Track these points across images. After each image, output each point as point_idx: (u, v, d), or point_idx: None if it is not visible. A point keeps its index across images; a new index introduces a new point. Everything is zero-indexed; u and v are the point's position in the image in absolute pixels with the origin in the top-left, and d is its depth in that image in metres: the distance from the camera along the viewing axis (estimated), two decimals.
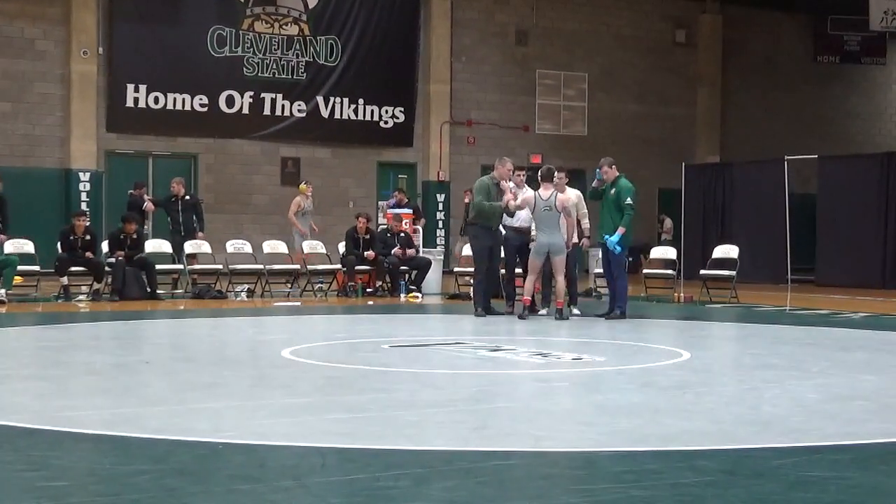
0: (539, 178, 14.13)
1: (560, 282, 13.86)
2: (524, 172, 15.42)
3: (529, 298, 14.03)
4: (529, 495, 4.74)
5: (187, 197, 19.42)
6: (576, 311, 14.54)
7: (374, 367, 8.93)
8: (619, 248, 13.95)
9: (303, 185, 21.00)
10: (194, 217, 19.24)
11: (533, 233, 14.41)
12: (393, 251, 18.76)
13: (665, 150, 29.42)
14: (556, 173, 14.27)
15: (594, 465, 5.35)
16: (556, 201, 13.81)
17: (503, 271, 16.18)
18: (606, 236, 14.01)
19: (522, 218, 14.52)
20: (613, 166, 14.40)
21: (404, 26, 26.89)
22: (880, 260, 22.31)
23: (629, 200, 13.93)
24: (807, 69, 32.58)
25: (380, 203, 22.27)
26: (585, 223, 15.09)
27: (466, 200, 19.08)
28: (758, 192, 23.93)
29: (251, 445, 5.61)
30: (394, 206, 21.33)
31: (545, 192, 13.87)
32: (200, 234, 19.11)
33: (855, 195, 22.74)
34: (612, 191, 14.11)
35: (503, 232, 14.94)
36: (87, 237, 17.27)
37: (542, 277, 14.47)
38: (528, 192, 14.36)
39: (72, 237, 17.10)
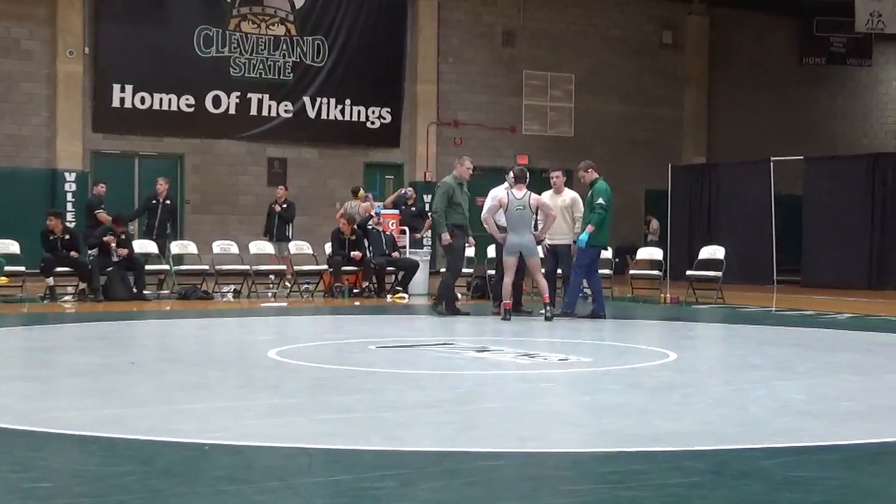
0: (513, 178, 14.18)
1: (541, 282, 13.90)
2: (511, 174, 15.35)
3: (510, 301, 14.01)
4: (516, 496, 4.74)
5: (167, 201, 19.41)
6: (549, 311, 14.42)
7: (361, 368, 8.92)
8: (583, 245, 14.17)
9: (361, 192, 21.29)
10: (168, 223, 19.35)
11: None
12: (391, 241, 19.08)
13: (652, 150, 29.49)
14: (552, 173, 14.54)
15: (581, 466, 5.36)
16: (531, 201, 13.86)
17: (492, 272, 16.20)
18: (581, 235, 14.22)
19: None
20: (591, 170, 14.55)
21: (391, 27, 26.89)
22: (866, 261, 22.38)
23: (601, 200, 14.12)
24: (793, 70, 32.68)
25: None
26: (578, 226, 15.09)
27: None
28: (744, 193, 23.99)
29: (238, 446, 5.59)
30: (403, 205, 21.43)
31: (518, 192, 13.89)
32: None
33: (841, 196, 22.81)
34: (590, 193, 14.38)
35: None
36: (67, 237, 17.20)
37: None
38: (500, 192, 14.37)
39: (51, 237, 17.03)
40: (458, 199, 14.69)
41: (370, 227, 19.37)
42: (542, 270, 14.33)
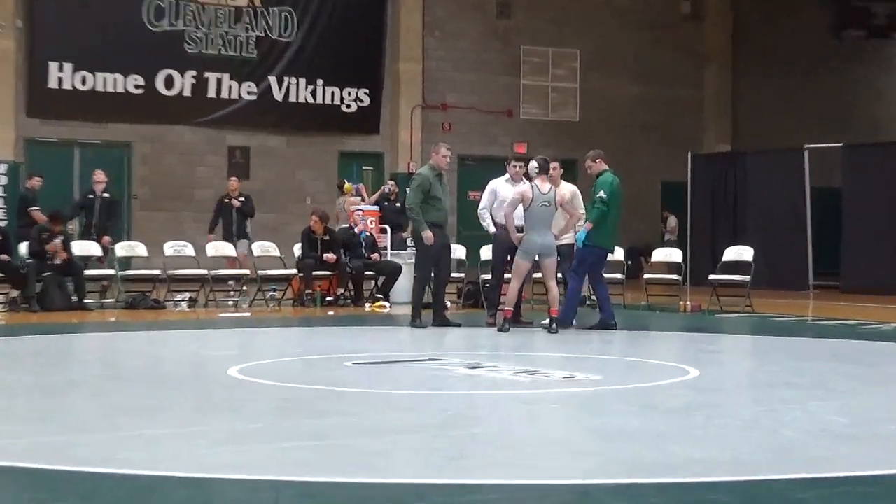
0: (536, 170, 14.04)
1: (553, 289, 13.82)
2: (522, 164, 15.26)
3: (512, 309, 13.97)
4: None
5: (106, 194, 19.37)
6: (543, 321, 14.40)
7: (336, 388, 8.90)
8: (580, 243, 14.11)
9: (348, 185, 21.14)
10: (108, 221, 19.31)
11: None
12: (357, 228, 18.90)
13: (668, 137, 29.49)
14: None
15: (589, 499, 5.34)
16: (557, 196, 13.81)
17: (486, 277, 16.17)
18: (579, 233, 14.16)
19: (517, 215, 14.41)
20: (599, 160, 14.47)
21: None
22: None
23: (602, 193, 14.06)
24: (829, 46, 32.69)
25: (339, 200, 22.15)
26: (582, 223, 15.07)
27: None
28: (775, 185, 24.02)
29: (193, 479, 5.57)
30: (386, 200, 21.39)
31: (543, 185, 13.82)
32: (106, 238, 18.99)
33: (885, 188, 22.82)
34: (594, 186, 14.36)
35: (493, 230, 14.90)
36: None
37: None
38: (523, 185, 14.26)
39: None
40: (436, 193, 14.56)
41: (346, 227, 19.35)
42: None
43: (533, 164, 14.21)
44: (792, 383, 9.37)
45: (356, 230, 19.16)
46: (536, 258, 13.87)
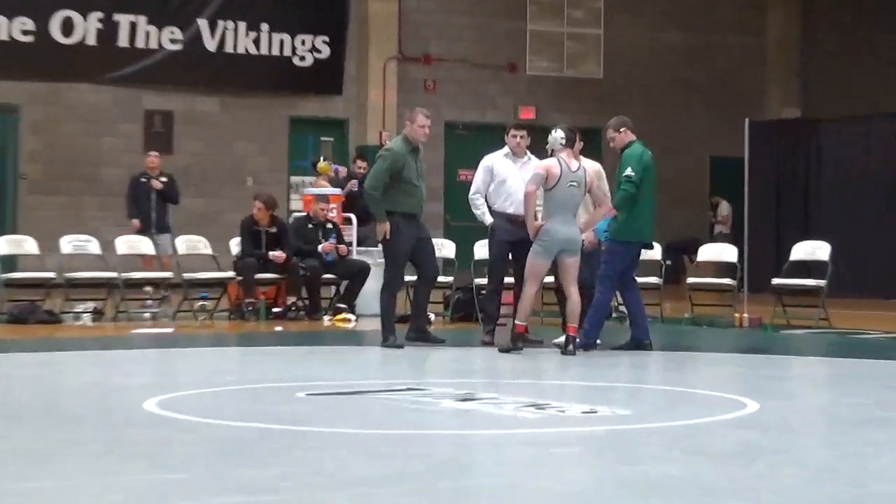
0: (562, 141, 13.90)
1: (573, 295, 13.74)
2: (525, 133, 15.21)
3: (525, 324, 13.90)
4: None
5: None
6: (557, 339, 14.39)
7: (286, 426, 8.90)
8: (601, 235, 14.12)
9: (323, 164, 21.04)
10: None
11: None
12: (321, 247, 18.70)
13: (719, 100, 29.55)
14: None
15: None
16: (587, 177, 13.74)
17: (481, 281, 16.17)
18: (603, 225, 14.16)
19: (519, 201, 14.36)
20: (624, 129, 14.40)
21: None
22: None
23: (629, 171, 13.98)
24: None
25: (293, 179, 22.16)
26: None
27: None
28: (858, 162, 24.05)
29: None
30: (357, 185, 21.36)
31: (571, 161, 13.72)
32: None
33: None
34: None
35: (489, 220, 14.87)
36: None
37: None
38: (545, 161, 14.15)
39: None
40: (409, 175, 14.48)
41: (303, 215, 19.36)
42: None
43: (558, 134, 13.97)
44: (881, 419, 9.40)
45: (321, 249, 18.92)
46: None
